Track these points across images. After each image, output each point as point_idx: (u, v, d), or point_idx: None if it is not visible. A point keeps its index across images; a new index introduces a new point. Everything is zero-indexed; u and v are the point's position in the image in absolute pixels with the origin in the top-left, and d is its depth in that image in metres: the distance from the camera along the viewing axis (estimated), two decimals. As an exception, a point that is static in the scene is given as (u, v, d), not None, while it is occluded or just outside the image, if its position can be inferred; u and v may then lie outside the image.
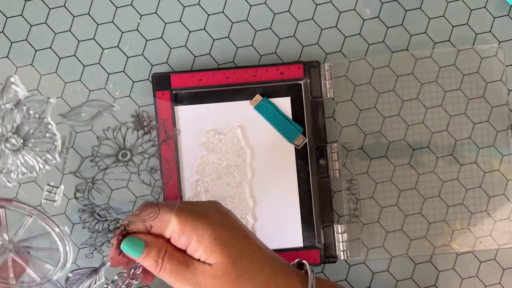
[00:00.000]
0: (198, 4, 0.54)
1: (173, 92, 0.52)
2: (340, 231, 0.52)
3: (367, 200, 0.53)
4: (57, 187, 0.42)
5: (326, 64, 0.52)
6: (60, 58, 0.53)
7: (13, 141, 0.39)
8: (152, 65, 0.54)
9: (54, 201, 0.42)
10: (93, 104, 0.40)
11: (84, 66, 0.54)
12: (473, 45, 0.54)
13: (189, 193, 0.52)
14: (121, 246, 0.39)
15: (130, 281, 0.41)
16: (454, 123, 0.53)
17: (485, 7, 0.54)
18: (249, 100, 0.52)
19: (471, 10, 0.54)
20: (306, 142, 0.52)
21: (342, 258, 0.52)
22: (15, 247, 0.43)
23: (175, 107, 0.52)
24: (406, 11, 0.54)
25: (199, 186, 0.52)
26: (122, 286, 0.41)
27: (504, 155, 0.53)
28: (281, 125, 0.52)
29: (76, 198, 0.42)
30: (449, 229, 0.53)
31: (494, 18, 0.54)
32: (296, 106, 0.52)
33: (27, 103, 0.38)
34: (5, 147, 0.39)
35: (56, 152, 0.40)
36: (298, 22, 0.54)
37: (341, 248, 0.52)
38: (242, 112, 0.52)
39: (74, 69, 0.53)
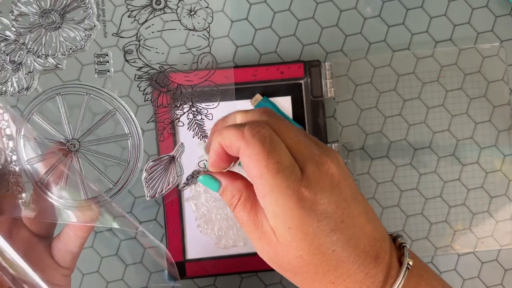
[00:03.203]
0: (198, 3, 0.54)
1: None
2: (341, 232, 0.52)
3: (368, 200, 0.53)
4: (106, 55, 0.40)
5: (326, 63, 0.52)
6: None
7: (53, 16, 0.39)
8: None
9: (108, 71, 0.41)
10: None
11: (83, 65, 0.53)
12: (474, 44, 0.54)
13: (189, 193, 0.52)
14: (199, 179, 0.36)
15: None
16: (455, 123, 0.53)
17: (486, 6, 0.54)
18: (249, 100, 0.52)
19: (473, 9, 0.54)
20: (307, 142, 0.52)
21: (343, 259, 0.52)
22: (81, 147, 0.41)
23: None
24: (407, 10, 0.54)
25: (198, 187, 0.52)
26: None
27: (506, 155, 0.53)
28: (281, 125, 0.52)
29: (127, 60, 0.40)
30: (450, 229, 0.53)
31: (496, 17, 0.54)
32: (297, 105, 0.52)
33: None
34: (46, 27, 0.38)
35: (93, 18, 0.40)
36: (299, 21, 0.54)
37: (342, 249, 0.52)
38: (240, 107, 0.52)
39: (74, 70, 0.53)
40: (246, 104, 0.52)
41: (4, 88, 0.40)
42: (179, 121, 0.41)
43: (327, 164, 0.33)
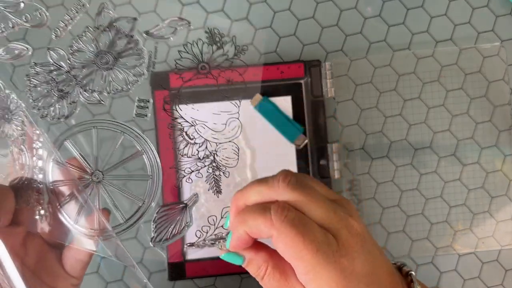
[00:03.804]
0: (198, 3, 0.54)
1: (172, 91, 0.51)
2: (341, 232, 0.52)
3: (369, 200, 0.53)
4: (148, 101, 0.44)
5: (327, 63, 0.52)
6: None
7: (107, 58, 0.42)
8: (151, 64, 0.53)
9: (146, 115, 0.45)
10: (171, 23, 0.44)
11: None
12: (475, 44, 0.54)
13: (188, 194, 0.51)
14: (221, 256, 0.37)
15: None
16: (456, 122, 0.53)
17: (487, 5, 0.54)
18: (249, 100, 0.52)
19: (473, 8, 0.54)
20: (307, 142, 0.52)
21: (343, 259, 0.52)
22: (104, 179, 0.43)
23: (175, 106, 0.51)
24: (408, 9, 0.54)
25: (198, 187, 0.52)
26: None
27: (506, 155, 0.53)
28: (281, 125, 0.52)
29: (164, 109, 0.45)
30: (451, 229, 0.53)
31: (497, 17, 0.54)
32: (297, 105, 0.52)
33: (117, 23, 0.43)
34: (99, 66, 0.42)
35: (144, 67, 0.44)
36: (299, 20, 0.54)
37: (342, 249, 0.52)
38: (242, 112, 0.52)
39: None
40: (246, 104, 0.52)
41: (46, 112, 0.44)
42: (198, 172, 0.43)
43: (354, 225, 0.34)
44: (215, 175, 0.45)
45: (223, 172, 0.45)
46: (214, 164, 0.43)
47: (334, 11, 0.54)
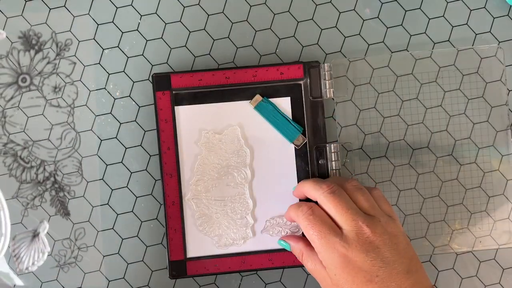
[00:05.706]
0: (198, 4, 0.54)
1: (173, 92, 0.52)
2: (340, 231, 0.52)
3: (367, 200, 0.53)
4: None
5: (326, 64, 0.52)
6: (60, 59, 0.53)
7: None
8: (152, 65, 0.54)
9: None
10: None
11: (85, 66, 0.54)
12: (472, 45, 0.54)
13: (189, 193, 0.52)
14: (278, 242, 0.51)
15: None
16: (453, 123, 0.54)
17: (484, 7, 0.54)
18: (249, 100, 0.52)
19: (471, 10, 0.54)
20: (306, 142, 0.52)
21: (342, 258, 0.53)
22: None
23: (175, 107, 0.52)
24: (406, 11, 0.54)
25: (199, 186, 0.52)
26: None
27: (503, 155, 0.54)
28: (281, 125, 0.52)
29: None
30: (448, 229, 0.53)
31: (494, 18, 0.54)
32: (296, 106, 0.53)
33: None
34: None
35: None
36: (298, 22, 0.54)
37: (341, 248, 0.52)
38: (242, 112, 0.52)
39: (75, 69, 0.54)
40: (246, 104, 0.52)
41: None
42: (42, 197, 0.43)
43: (366, 233, 0.44)
44: (59, 196, 0.44)
45: (67, 192, 0.44)
46: (56, 186, 0.41)
47: (333, 13, 0.54)
